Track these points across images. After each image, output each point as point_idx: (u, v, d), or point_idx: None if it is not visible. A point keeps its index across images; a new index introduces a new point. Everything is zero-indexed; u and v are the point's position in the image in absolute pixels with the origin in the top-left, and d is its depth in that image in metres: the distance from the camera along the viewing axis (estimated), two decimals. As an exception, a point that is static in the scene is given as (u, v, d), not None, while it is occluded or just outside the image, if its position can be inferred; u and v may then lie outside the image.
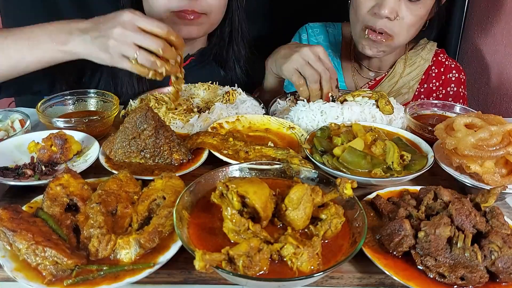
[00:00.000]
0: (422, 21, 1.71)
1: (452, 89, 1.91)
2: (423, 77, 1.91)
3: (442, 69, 1.92)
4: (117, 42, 1.16)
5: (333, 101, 1.46)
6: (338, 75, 1.80)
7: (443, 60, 1.94)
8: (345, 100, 1.47)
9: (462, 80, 1.94)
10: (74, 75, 1.60)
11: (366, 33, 1.67)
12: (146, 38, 1.17)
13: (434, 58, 1.92)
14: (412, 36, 1.74)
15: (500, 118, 1.17)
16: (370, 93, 1.48)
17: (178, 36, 1.23)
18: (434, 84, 1.92)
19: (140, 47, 1.17)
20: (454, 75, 1.92)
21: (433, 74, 1.92)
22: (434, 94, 1.93)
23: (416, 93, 1.92)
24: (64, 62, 1.29)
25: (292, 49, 1.48)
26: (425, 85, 1.92)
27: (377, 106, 1.44)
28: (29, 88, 1.49)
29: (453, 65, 1.93)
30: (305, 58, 1.43)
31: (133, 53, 1.16)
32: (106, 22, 1.20)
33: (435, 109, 1.53)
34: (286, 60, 1.47)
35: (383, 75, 1.92)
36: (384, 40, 1.66)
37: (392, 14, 1.59)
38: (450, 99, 1.89)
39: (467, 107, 1.50)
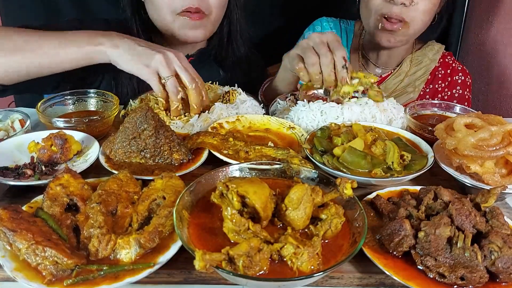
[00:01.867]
0: (435, 9, 1.73)
1: (457, 91, 1.92)
2: (429, 78, 1.92)
3: (448, 71, 1.93)
4: (163, 59, 1.28)
5: (327, 92, 1.43)
6: None
7: (450, 62, 1.95)
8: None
9: (468, 83, 1.94)
10: (79, 75, 1.60)
11: (381, 24, 1.69)
12: (186, 73, 1.32)
13: (441, 60, 1.93)
14: (426, 24, 1.75)
15: (500, 118, 1.17)
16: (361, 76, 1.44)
17: (206, 94, 1.41)
18: (439, 85, 1.93)
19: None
20: (460, 77, 1.92)
21: (439, 75, 1.93)
22: (439, 95, 1.93)
23: (422, 93, 1.92)
24: None
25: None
26: (431, 86, 1.93)
27: (368, 96, 1.44)
28: (34, 86, 1.49)
29: (459, 68, 1.94)
30: (309, 43, 1.40)
31: (169, 74, 1.29)
32: (158, 46, 1.35)
33: (435, 109, 1.53)
34: (294, 48, 1.46)
35: (389, 72, 1.93)
36: (400, 28, 1.68)
37: (407, 0, 1.61)
38: (455, 101, 1.89)
39: (467, 107, 1.49)
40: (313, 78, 1.39)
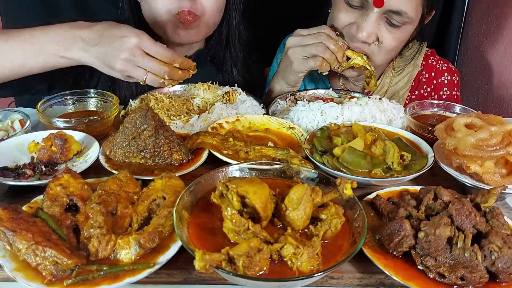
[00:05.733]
0: (403, 44, 1.63)
1: (445, 93, 1.82)
2: (413, 84, 1.80)
3: (433, 74, 1.81)
4: (125, 66, 1.19)
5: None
6: (325, 87, 1.77)
7: (434, 63, 1.82)
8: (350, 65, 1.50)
9: (455, 82, 1.84)
10: (73, 78, 1.59)
11: None
12: (154, 65, 1.20)
13: (424, 62, 1.80)
14: (392, 57, 1.68)
15: (500, 118, 1.17)
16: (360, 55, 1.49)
17: (184, 60, 1.26)
18: (425, 90, 1.82)
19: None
20: (446, 78, 1.81)
21: (424, 80, 1.82)
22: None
23: (407, 101, 1.81)
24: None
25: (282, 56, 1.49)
26: (416, 92, 1.82)
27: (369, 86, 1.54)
28: (30, 88, 1.49)
29: (444, 68, 1.82)
30: (298, 43, 1.44)
31: (142, 77, 1.21)
32: (112, 40, 1.20)
33: (435, 109, 1.53)
34: (291, 63, 1.47)
35: None
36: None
37: (370, 39, 1.48)
38: None
39: (467, 107, 1.49)
40: (331, 60, 1.44)
